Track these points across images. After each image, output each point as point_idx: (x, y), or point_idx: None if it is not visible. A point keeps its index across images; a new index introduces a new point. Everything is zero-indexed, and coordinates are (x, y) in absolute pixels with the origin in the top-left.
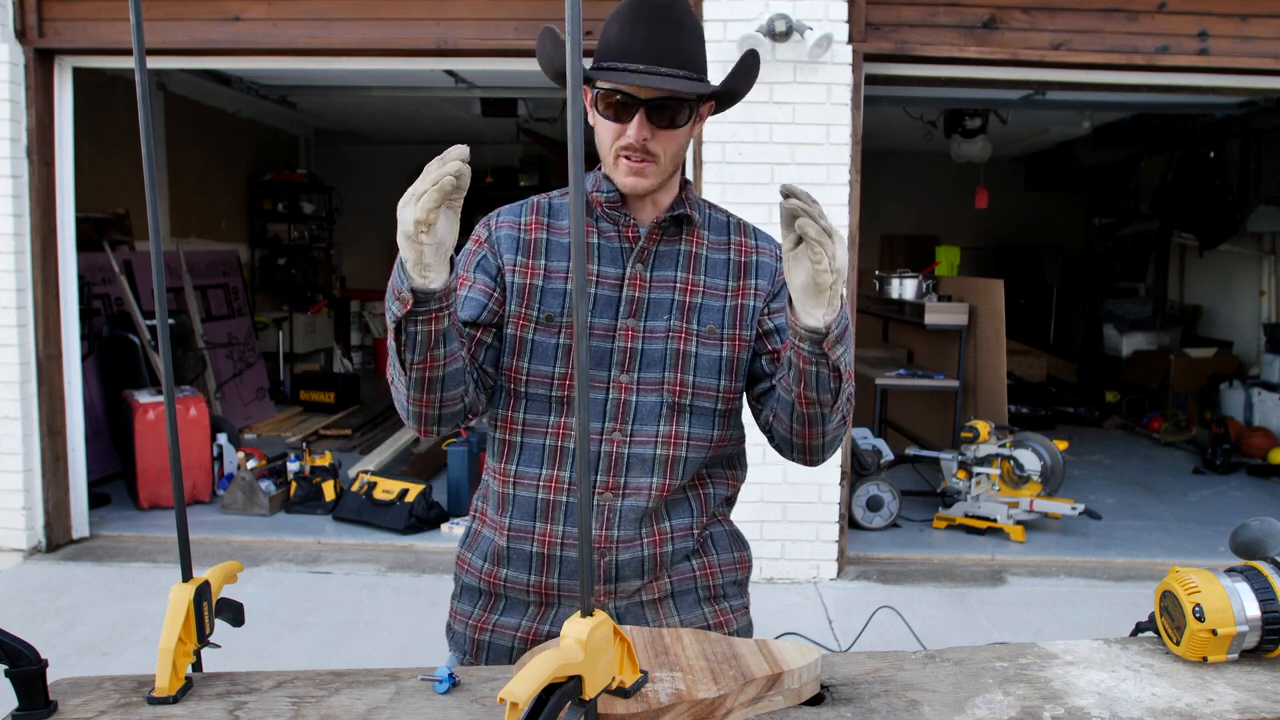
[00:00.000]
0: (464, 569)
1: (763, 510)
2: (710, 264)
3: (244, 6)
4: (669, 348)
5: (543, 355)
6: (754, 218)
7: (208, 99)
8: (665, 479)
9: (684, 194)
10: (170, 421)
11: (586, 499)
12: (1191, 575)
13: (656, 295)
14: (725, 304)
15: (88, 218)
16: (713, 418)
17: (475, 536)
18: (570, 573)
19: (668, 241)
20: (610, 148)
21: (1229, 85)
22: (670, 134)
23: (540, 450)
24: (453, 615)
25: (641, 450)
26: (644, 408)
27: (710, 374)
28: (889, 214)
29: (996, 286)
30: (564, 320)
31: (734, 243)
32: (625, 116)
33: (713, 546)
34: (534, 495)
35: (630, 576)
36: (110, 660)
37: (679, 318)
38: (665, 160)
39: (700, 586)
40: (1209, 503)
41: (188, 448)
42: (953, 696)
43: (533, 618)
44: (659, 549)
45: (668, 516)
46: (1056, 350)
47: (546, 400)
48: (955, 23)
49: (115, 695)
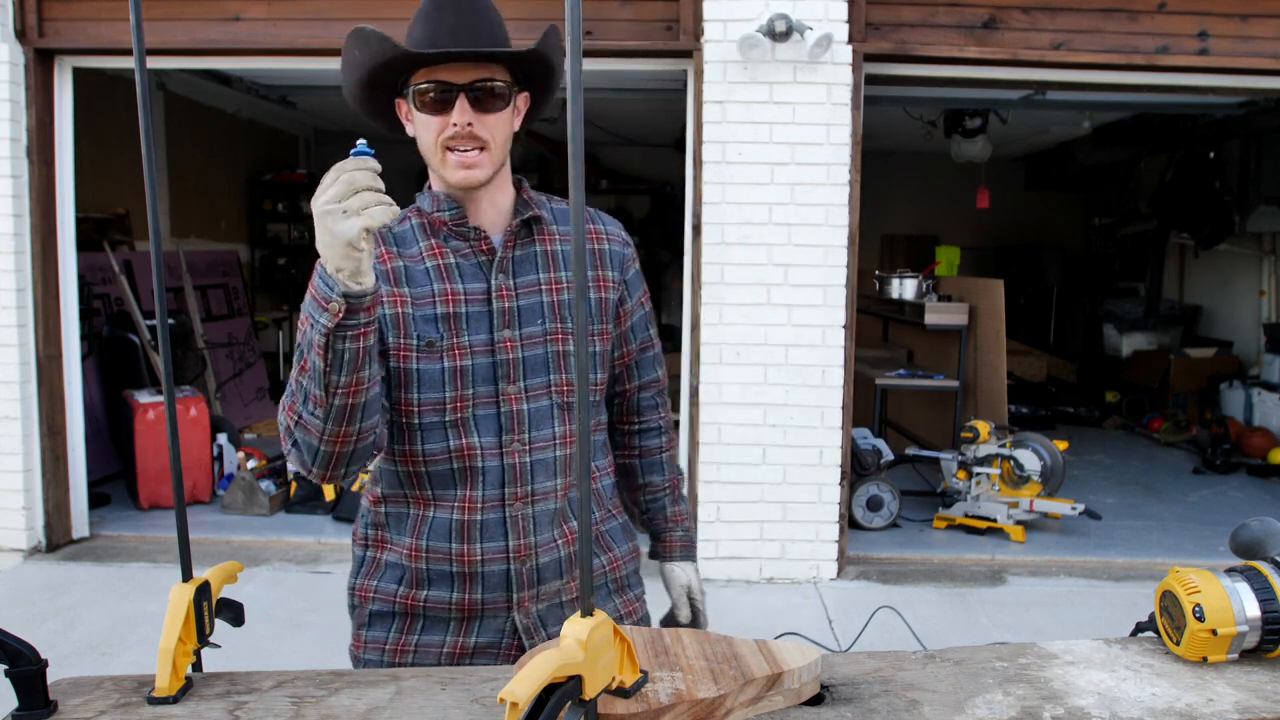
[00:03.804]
0: (369, 597)
1: (763, 510)
2: (568, 257)
3: (244, 6)
4: (549, 351)
5: (430, 383)
6: (753, 217)
7: (208, 99)
8: (567, 478)
9: (524, 194)
10: (170, 421)
11: (586, 497)
12: (1191, 575)
13: (525, 301)
14: (589, 296)
15: (88, 218)
16: (595, 410)
17: (375, 564)
18: (492, 586)
19: (522, 246)
20: (436, 144)
21: (1229, 85)
22: (495, 118)
23: (449, 475)
24: (361, 646)
25: (542, 455)
26: (536, 414)
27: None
28: (889, 214)
29: (996, 286)
30: (444, 344)
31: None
32: (446, 107)
33: (613, 541)
34: (449, 517)
35: (551, 578)
36: (110, 660)
37: (552, 319)
38: (495, 148)
39: (610, 580)
40: (1209, 503)
41: (188, 448)
42: (953, 696)
43: (456, 632)
44: (572, 547)
45: (573, 515)
46: (1056, 350)
47: (442, 426)
48: (955, 23)
49: (115, 695)
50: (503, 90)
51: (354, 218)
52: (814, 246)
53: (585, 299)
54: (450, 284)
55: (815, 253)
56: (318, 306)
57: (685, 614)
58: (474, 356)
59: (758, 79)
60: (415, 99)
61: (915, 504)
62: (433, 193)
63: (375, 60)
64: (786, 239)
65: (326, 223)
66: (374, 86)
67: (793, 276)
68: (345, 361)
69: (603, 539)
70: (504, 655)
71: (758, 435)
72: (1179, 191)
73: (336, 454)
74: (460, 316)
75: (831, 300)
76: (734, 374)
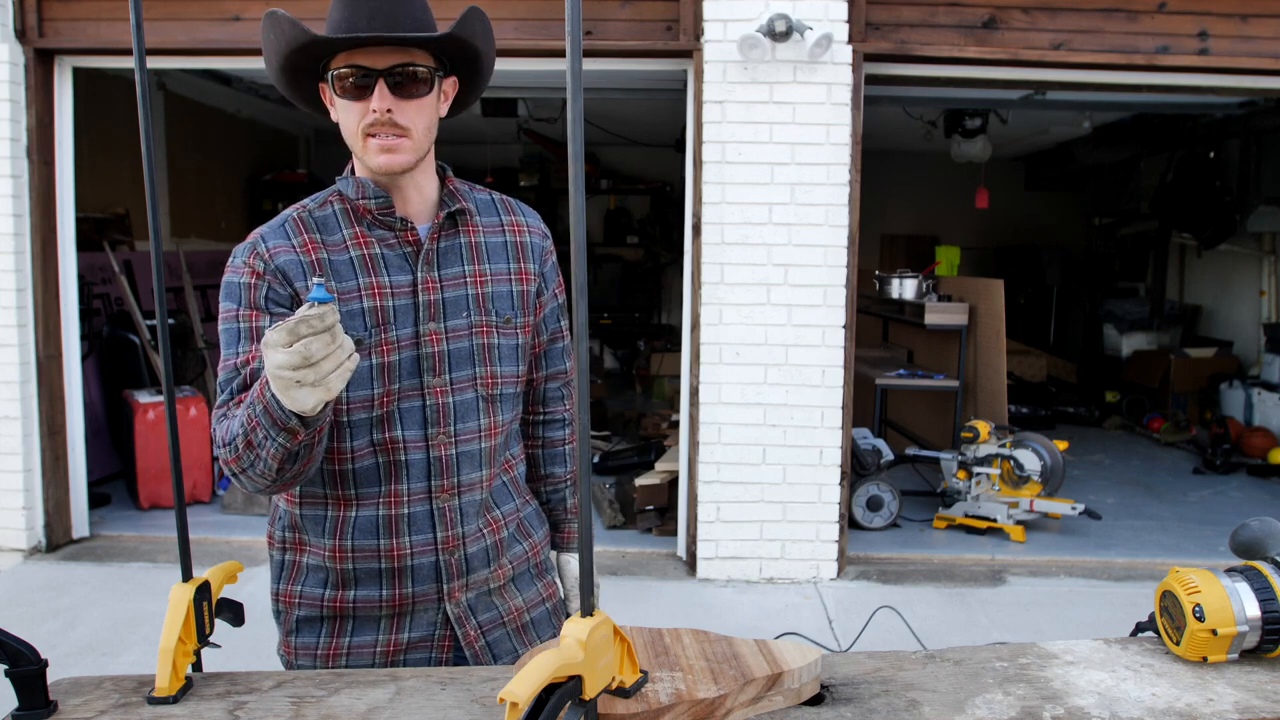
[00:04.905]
0: (293, 602)
1: (763, 510)
2: (491, 249)
3: (244, 6)
4: (474, 343)
5: (359, 381)
6: (753, 217)
7: (208, 99)
8: (491, 468)
9: (449, 185)
10: (170, 421)
11: (586, 497)
12: (1191, 575)
13: (450, 294)
14: (512, 289)
15: (88, 218)
16: (514, 402)
17: (295, 568)
18: (422, 579)
19: (447, 237)
20: (357, 130)
21: (1229, 85)
22: (416, 104)
23: (374, 469)
24: (291, 653)
25: (467, 447)
26: (461, 406)
27: (511, 362)
28: (889, 214)
29: (996, 286)
30: (372, 341)
31: (506, 223)
32: (365, 93)
33: (530, 527)
34: (374, 513)
35: (479, 567)
36: (110, 660)
37: (477, 311)
38: (418, 134)
39: (531, 565)
40: (1209, 503)
41: (188, 447)
42: (953, 696)
43: (388, 630)
44: (498, 535)
45: (496, 505)
46: (1056, 350)
47: (368, 422)
48: (955, 23)
49: (115, 695)
50: (424, 75)
51: (310, 389)
52: (814, 246)
53: (585, 299)
54: (376, 277)
55: (815, 253)
56: (274, 425)
57: (575, 605)
58: (400, 351)
59: (758, 79)
60: (335, 84)
61: (915, 504)
62: (357, 179)
63: (289, 45)
64: (786, 239)
65: (280, 387)
66: (294, 71)
67: (793, 276)
68: (300, 455)
69: (522, 525)
70: (437, 647)
71: (758, 435)
72: (1179, 191)
73: (286, 489)
74: (387, 310)
75: (831, 300)
76: (734, 374)
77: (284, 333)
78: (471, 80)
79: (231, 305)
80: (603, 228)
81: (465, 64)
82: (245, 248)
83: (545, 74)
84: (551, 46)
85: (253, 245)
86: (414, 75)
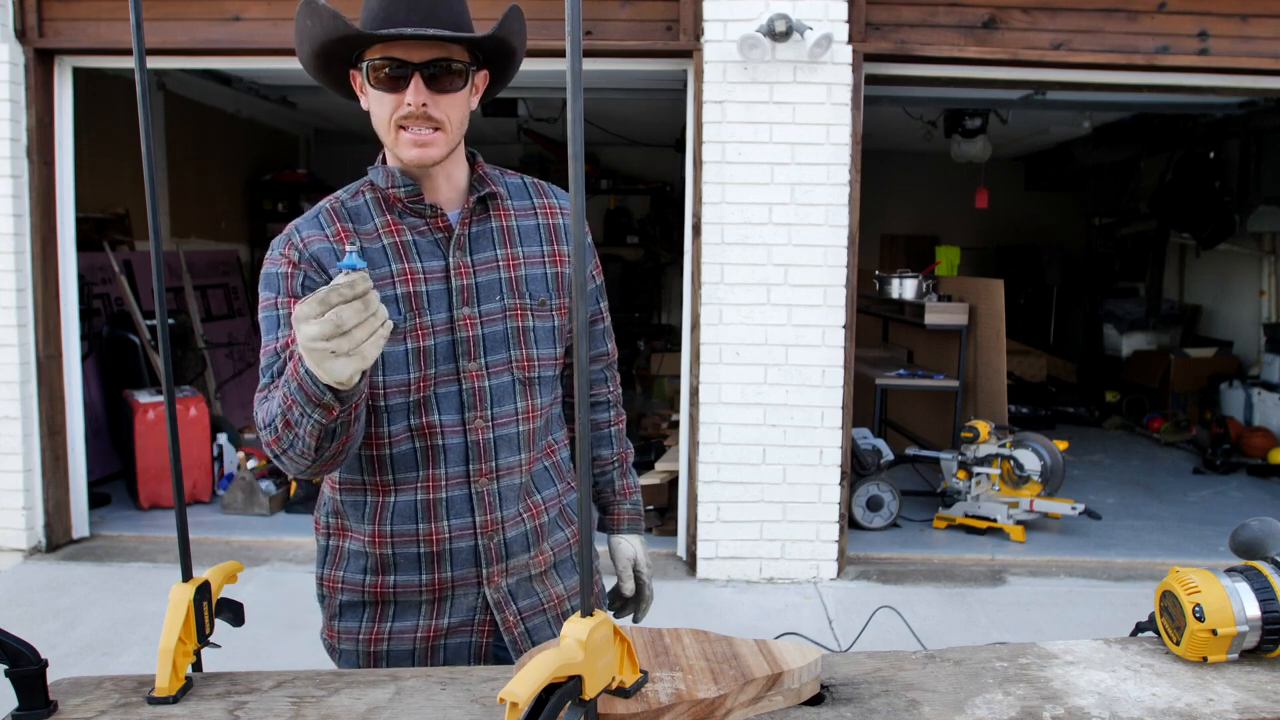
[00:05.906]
0: (337, 588)
1: (763, 510)
2: (523, 233)
3: (244, 6)
4: (509, 327)
5: (394, 366)
6: (753, 217)
7: (208, 99)
8: (530, 452)
9: (478, 169)
10: (170, 421)
11: (586, 498)
12: (1191, 575)
13: (484, 278)
14: (545, 270)
15: (88, 218)
16: (553, 385)
17: (338, 553)
18: (461, 563)
19: (478, 222)
20: (389, 122)
21: (1229, 85)
22: (450, 99)
23: (412, 455)
24: (335, 637)
25: (505, 431)
26: (498, 390)
27: (548, 344)
28: (889, 214)
29: (996, 286)
30: (406, 325)
31: (539, 205)
32: (400, 85)
33: (573, 514)
34: (413, 498)
35: (519, 552)
36: (110, 660)
37: (511, 295)
38: (451, 128)
39: (574, 554)
40: (1209, 503)
41: (188, 448)
42: (953, 696)
43: (429, 615)
44: (538, 520)
45: (537, 489)
46: (1056, 350)
47: (405, 407)
48: (955, 23)
49: (115, 695)
50: (460, 70)
51: (345, 359)
52: (814, 246)
53: (584, 294)
54: (408, 263)
55: (815, 253)
56: (309, 401)
57: (629, 587)
58: (435, 336)
59: (757, 79)
60: (369, 74)
61: (915, 504)
62: (387, 168)
63: (328, 35)
64: (786, 239)
65: (314, 359)
66: (327, 58)
67: (793, 276)
68: (337, 432)
69: (565, 512)
70: (477, 632)
71: (758, 435)
72: (1179, 191)
73: (327, 470)
74: (420, 295)
75: (831, 300)
76: (734, 374)
77: (315, 303)
78: (502, 74)
79: (270, 294)
80: (603, 228)
81: (499, 60)
82: (281, 239)
83: (545, 74)
84: (551, 46)
85: (288, 236)
86: (450, 69)
